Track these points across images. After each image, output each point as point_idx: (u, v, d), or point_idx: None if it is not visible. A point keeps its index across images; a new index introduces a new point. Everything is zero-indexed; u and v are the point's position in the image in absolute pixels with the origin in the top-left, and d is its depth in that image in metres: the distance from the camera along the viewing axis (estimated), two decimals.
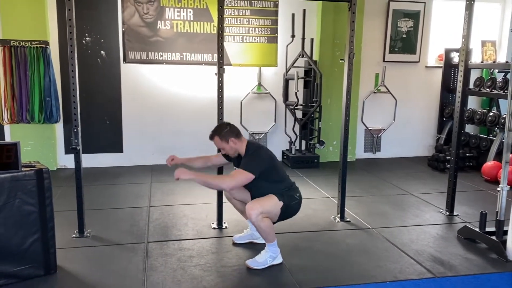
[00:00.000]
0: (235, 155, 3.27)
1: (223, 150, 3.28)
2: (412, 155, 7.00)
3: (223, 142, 3.19)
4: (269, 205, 3.07)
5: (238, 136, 3.21)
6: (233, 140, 3.18)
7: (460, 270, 3.15)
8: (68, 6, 3.33)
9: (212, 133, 3.26)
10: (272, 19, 5.93)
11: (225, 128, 3.22)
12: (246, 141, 3.25)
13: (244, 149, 3.20)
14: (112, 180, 5.40)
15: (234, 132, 3.21)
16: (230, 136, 3.18)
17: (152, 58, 5.72)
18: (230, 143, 3.18)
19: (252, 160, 3.11)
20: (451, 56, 6.73)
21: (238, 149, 3.22)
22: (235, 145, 3.19)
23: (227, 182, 3.10)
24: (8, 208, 2.75)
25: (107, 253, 3.34)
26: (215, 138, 3.23)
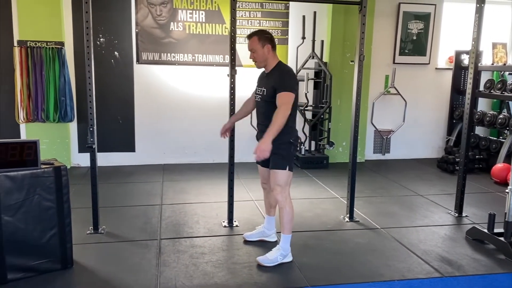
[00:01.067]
0: (261, 65, 3.23)
1: (253, 53, 3.19)
2: (421, 156, 7.02)
3: (259, 44, 3.14)
4: (282, 179, 3.14)
5: (274, 48, 3.20)
6: (269, 47, 3.15)
7: (468, 270, 3.19)
8: (86, 8, 3.43)
9: (252, 32, 3.23)
10: (283, 21, 6.00)
11: (267, 34, 3.22)
12: (279, 61, 3.24)
13: (275, 64, 3.19)
14: (124, 178, 5.50)
15: (273, 42, 3.20)
16: (268, 42, 3.15)
17: (165, 59, 5.81)
18: (265, 49, 3.14)
19: (290, 78, 3.11)
20: (461, 58, 6.73)
21: (268, 60, 3.18)
22: (268, 53, 3.16)
23: (283, 113, 3.00)
24: (27, 203, 2.85)
25: (121, 249, 3.43)
26: (253, 37, 3.17)
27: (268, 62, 3.20)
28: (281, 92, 3.05)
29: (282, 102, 3.03)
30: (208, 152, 6.36)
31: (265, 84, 3.22)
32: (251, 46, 3.20)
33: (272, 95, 3.13)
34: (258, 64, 3.25)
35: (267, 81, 3.21)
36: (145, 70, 5.98)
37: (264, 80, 3.26)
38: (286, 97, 3.03)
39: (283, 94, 3.04)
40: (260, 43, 3.15)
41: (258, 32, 3.23)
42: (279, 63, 3.23)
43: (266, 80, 3.23)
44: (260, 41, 3.15)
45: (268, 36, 3.21)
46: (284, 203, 3.17)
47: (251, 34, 3.23)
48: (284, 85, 3.07)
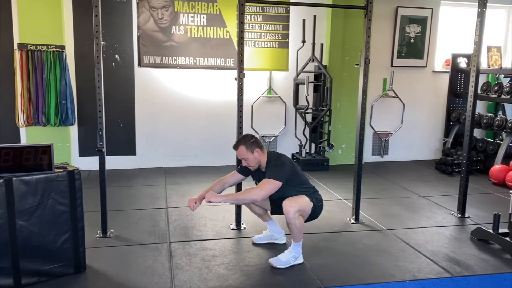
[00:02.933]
0: (256, 167, 3.35)
1: (245, 160, 3.32)
2: (419, 158, 7.11)
3: (248, 152, 3.27)
4: (304, 204, 3.20)
5: (261, 148, 3.32)
6: (258, 151, 3.28)
7: (477, 270, 3.25)
8: (95, 12, 3.43)
9: (237, 142, 3.35)
10: (284, 25, 6.05)
11: (251, 139, 3.32)
12: (267, 153, 3.35)
13: (266, 160, 3.31)
14: (127, 182, 5.49)
15: (259, 144, 3.32)
16: (255, 147, 3.28)
17: (166, 63, 5.82)
18: (255, 154, 3.27)
19: (277, 168, 3.22)
20: (458, 61, 6.85)
21: (261, 161, 3.31)
22: (259, 156, 3.29)
23: (257, 193, 3.15)
24: (41, 208, 2.85)
25: (132, 253, 3.43)
26: (240, 147, 3.30)
27: (261, 162, 3.33)
28: (266, 178, 3.18)
29: (261, 186, 3.17)
30: (209, 155, 6.37)
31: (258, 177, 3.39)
32: (241, 156, 3.32)
33: None
34: (253, 168, 3.36)
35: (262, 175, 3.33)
36: (146, 73, 5.98)
37: (262, 175, 3.34)
38: (268, 183, 3.15)
39: (267, 180, 3.17)
40: (249, 151, 3.28)
41: (242, 141, 3.32)
42: (269, 157, 3.32)
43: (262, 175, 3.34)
44: (248, 150, 3.28)
45: (253, 140, 3.32)
46: (294, 220, 3.14)
47: (235, 145, 3.35)
48: (271, 173, 3.20)
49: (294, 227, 3.17)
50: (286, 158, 3.35)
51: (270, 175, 3.19)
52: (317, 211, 3.37)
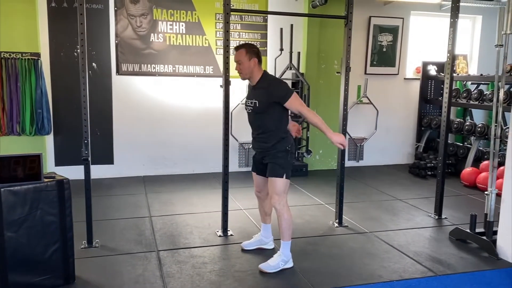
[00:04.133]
0: (246, 77, 3.32)
1: (239, 65, 3.28)
2: (393, 162, 7.32)
3: (246, 57, 3.23)
4: (280, 188, 3.24)
5: (260, 62, 3.30)
6: (255, 61, 3.25)
7: (458, 268, 3.39)
8: (80, 20, 3.41)
9: (240, 44, 3.33)
10: (262, 33, 6.14)
11: (255, 48, 3.32)
12: (263, 71, 3.34)
13: (259, 76, 3.29)
14: (106, 191, 5.40)
15: (259, 57, 3.30)
16: (254, 56, 3.25)
17: (145, 70, 5.79)
18: (251, 62, 3.24)
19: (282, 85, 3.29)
20: (428, 68, 7.11)
21: (254, 73, 3.27)
22: (253, 66, 3.25)
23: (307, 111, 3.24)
24: (30, 218, 2.79)
25: (120, 262, 3.39)
26: (240, 50, 3.27)
27: (253, 75, 3.30)
28: (288, 100, 3.18)
29: (297, 106, 3.21)
30: (188, 162, 6.36)
31: (254, 96, 3.32)
32: (238, 57, 3.29)
33: (264, 107, 3.26)
34: (243, 76, 3.35)
35: (255, 93, 3.32)
36: (124, 81, 5.92)
37: (253, 92, 3.37)
38: (295, 101, 3.20)
39: (290, 101, 3.19)
40: (247, 56, 3.25)
41: (246, 45, 3.33)
42: (264, 74, 3.33)
43: (255, 92, 3.33)
44: (247, 54, 3.25)
45: (255, 50, 3.32)
46: (282, 211, 3.25)
47: (238, 46, 3.32)
48: (283, 94, 3.21)
49: (283, 220, 3.24)
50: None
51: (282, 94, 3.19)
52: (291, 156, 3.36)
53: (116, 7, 5.61)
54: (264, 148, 3.34)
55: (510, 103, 5.45)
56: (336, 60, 6.61)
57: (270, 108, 3.24)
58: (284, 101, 3.19)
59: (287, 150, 3.31)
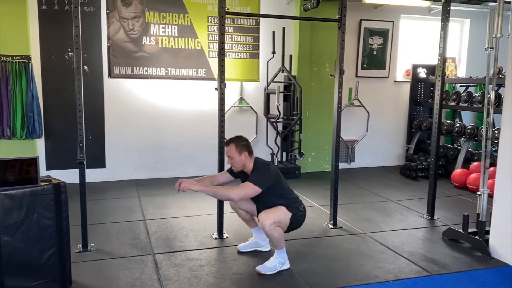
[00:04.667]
0: (239, 169, 3.41)
1: (231, 159, 3.37)
2: (384, 164, 7.38)
3: (236, 152, 3.31)
4: (280, 215, 3.25)
5: (250, 153, 3.38)
6: (246, 154, 3.34)
7: (452, 268, 3.44)
8: (75, 23, 3.39)
9: (229, 140, 3.39)
10: (254, 36, 6.16)
11: (244, 141, 3.38)
12: (254, 159, 3.40)
13: (252, 166, 3.36)
14: (99, 195, 5.36)
15: (249, 148, 3.38)
16: (245, 150, 3.34)
17: (137, 73, 5.77)
18: (242, 156, 3.33)
19: (260, 174, 3.28)
20: (418, 71, 7.20)
21: (246, 165, 3.37)
22: (245, 159, 3.34)
23: (236, 192, 3.22)
24: (27, 222, 2.77)
25: (116, 266, 3.37)
26: (230, 145, 3.34)
27: (246, 165, 3.38)
28: (248, 181, 3.25)
29: (242, 187, 3.25)
30: (181, 165, 6.34)
31: (244, 180, 3.42)
32: (229, 153, 3.37)
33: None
34: (236, 169, 3.42)
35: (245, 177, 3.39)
36: (116, 84, 5.90)
37: (244, 176, 3.42)
38: (248, 187, 3.22)
39: (248, 183, 3.23)
40: (237, 150, 3.33)
41: (235, 140, 3.38)
42: (255, 164, 3.37)
43: (244, 176, 3.42)
44: (237, 150, 3.33)
45: (245, 143, 3.38)
46: (271, 232, 3.21)
47: (228, 142, 3.40)
48: (253, 178, 3.26)
49: (273, 238, 3.25)
50: (273, 168, 3.42)
51: (252, 179, 3.24)
52: (299, 221, 3.43)
53: (108, 9, 5.59)
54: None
55: (499, 105, 5.53)
56: (328, 63, 6.66)
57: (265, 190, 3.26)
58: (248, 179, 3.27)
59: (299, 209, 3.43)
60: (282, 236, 3.28)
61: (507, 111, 3.54)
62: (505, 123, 3.56)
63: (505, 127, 3.56)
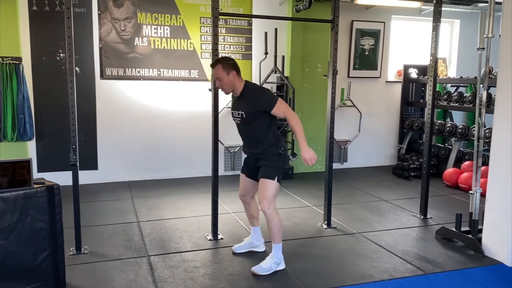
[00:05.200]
0: (228, 91, 3.33)
1: (219, 81, 3.28)
2: (376, 164, 7.42)
3: (224, 72, 3.22)
4: (271, 191, 3.23)
5: (238, 73, 3.30)
6: (234, 74, 3.25)
7: (446, 267, 3.47)
8: (68, 24, 3.37)
9: (216, 60, 3.34)
10: (247, 37, 6.16)
11: (230, 61, 3.31)
12: (245, 81, 3.34)
13: (242, 87, 3.29)
14: (91, 197, 5.32)
15: (237, 68, 3.30)
16: (232, 69, 3.25)
17: (129, 74, 5.74)
18: (230, 76, 3.24)
19: (266, 93, 3.31)
20: (409, 71, 7.25)
21: (235, 85, 3.28)
22: (233, 79, 3.25)
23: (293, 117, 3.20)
24: (20, 225, 2.74)
25: (111, 268, 3.35)
26: (217, 66, 3.26)
27: (236, 87, 3.31)
28: (274, 107, 3.19)
29: (284, 112, 3.21)
30: (174, 167, 6.32)
31: (240, 107, 3.32)
32: (216, 74, 3.29)
33: (251, 117, 3.27)
34: (226, 91, 3.35)
35: (241, 104, 3.33)
36: (108, 85, 5.86)
37: (238, 103, 3.36)
38: (280, 107, 3.20)
39: (277, 107, 3.19)
40: (225, 70, 3.25)
41: (221, 60, 3.33)
42: (246, 85, 3.33)
43: (240, 103, 3.34)
44: (224, 69, 3.25)
45: (232, 62, 3.32)
46: (271, 216, 3.24)
47: (214, 63, 3.33)
48: (268, 102, 3.21)
49: (273, 224, 3.24)
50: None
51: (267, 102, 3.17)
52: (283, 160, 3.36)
53: (99, 10, 5.55)
54: (256, 153, 3.35)
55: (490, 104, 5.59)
56: (320, 63, 6.68)
57: (258, 117, 3.25)
58: (270, 109, 3.20)
59: (280, 153, 3.33)
60: (281, 226, 3.29)
61: (499, 111, 3.58)
62: (497, 122, 3.59)
63: (497, 126, 3.60)
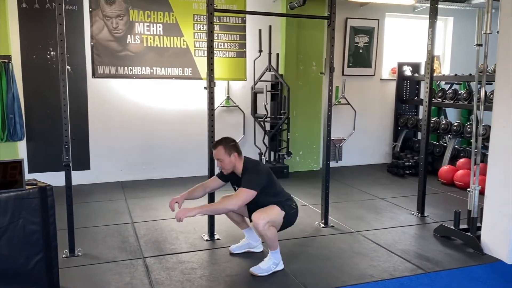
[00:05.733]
0: (229, 171, 3.33)
1: (221, 162, 3.29)
2: (371, 162, 7.40)
3: (225, 154, 3.24)
4: (274, 214, 3.19)
5: (240, 154, 3.31)
6: (235, 155, 3.27)
7: (446, 265, 3.43)
8: (59, 20, 3.29)
9: (217, 142, 3.32)
10: (240, 35, 6.08)
11: (231, 142, 3.30)
12: (244, 159, 3.34)
13: (242, 167, 3.29)
14: (84, 198, 5.22)
15: (238, 149, 3.31)
16: (234, 151, 3.27)
17: (122, 73, 5.63)
18: (232, 157, 3.25)
19: (253, 177, 3.20)
20: (403, 69, 7.23)
21: (236, 166, 3.29)
22: (235, 160, 3.27)
23: (233, 202, 3.14)
24: (12, 228, 2.66)
25: (106, 271, 3.27)
26: (218, 148, 3.26)
27: (236, 167, 3.30)
28: (242, 187, 3.16)
29: (237, 195, 3.16)
30: (167, 167, 6.24)
31: (235, 182, 3.36)
32: (218, 156, 3.28)
33: None
34: (226, 171, 3.33)
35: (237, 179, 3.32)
36: (100, 84, 5.76)
37: (239, 180, 3.29)
38: (243, 193, 3.14)
39: (242, 189, 3.15)
40: (227, 152, 3.25)
41: (222, 142, 3.30)
42: (245, 165, 3.30)
43: (236, 179, 3.35)
44: (226, 151, 3.25)
45: (233, 144, 3.31)
46: (264, 232, 3.14)
47: (215, 145, 3.31)
48: (246, 182, 3.17)
49: (267, 238, 3.18)
50: (263, 167, 3.37)
51: (246, 184, 3.17)
52: (292, 219, 3.38)
53: (91, 8, 5.44)
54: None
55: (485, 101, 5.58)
56: (314, 61, 6.63)
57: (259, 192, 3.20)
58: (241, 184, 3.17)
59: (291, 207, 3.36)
60: (276, 236, 3.22)
61: (498, 108, 3.55)
62: (496, 119, 3.57)
63: (496, 124, 3.57)
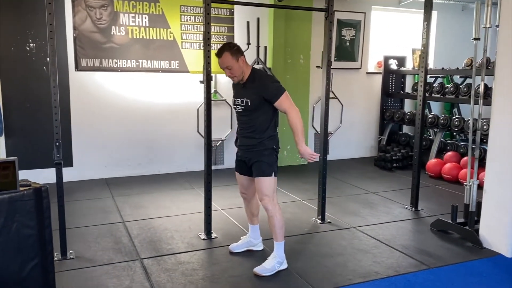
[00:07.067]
0: (239, 79, 3.11)
1: (230, 70, 3.06)
2: (358, 156, 7.40)
3: (233, 59, 3.02)
4: (270, 187, 3.12)
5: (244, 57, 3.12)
6: (243, 59, 3.07)
7: (448, 260, 3.43)
8: (49, 10, 3.07)
9: (220, 49, 3.07)
10: (228, 27, 5.95)
11: (235, 46, 3.09)
12: (251, 67, 3.18)
13: (249, 72, 3.11)
14: (68, 196, 4.92)
15: (243, 52, 3.11)
16: (240, 54, 3.06)
17: (106, 66, 5.42)
18: (240, 62, 3.04)
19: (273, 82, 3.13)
20: (389, 63, 7.24)
21: (245, 71, 3.10)
22: (243, 64, 3.07)
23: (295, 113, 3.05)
24: (5, 233, 2.46)
25: (102, 274, 3.12)
26: (224, 54, 3.02)
27: (245, 72, 3.12)
28: (278, 99, 3.04)
29: (287, 106, 3.05)
30: (153, 162, 6.07)
31: (245, 95, 3.13)
32: (226, 63, 3.06)
33: (257, 105, 3.10)
34: (237, 79, 3.13)
35: (247, 91, 3.13)
36: (83, 77, 5.52)
37: (243, 90, 3.16)
38: (285, 100, 3.05)
39: (281, 99, 3.04)
40: (234, 57, 3.05)
41: (226, 47, 3.09)
42: (253, 71, 3.16)
43: (246, 90, 3.14)
44: (233, 56, 3.05)
45: (237, 47, 3.13)
46: (274, 211, 3.13)
47: (220, 51, 3.08)
48: (275, 91, 3.06)
49: (276, 221, 3.11)
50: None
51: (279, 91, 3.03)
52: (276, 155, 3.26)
53: None
54: (250, 145, 3.19)
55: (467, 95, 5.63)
56: (302, 54, 6.56)
57: (263, 106, 3.09)
58: (274, 100, 3.05)
59: (273, 149, 3.20)
60: (283, 223, 3.17)
61: (497, 102, 3.55)
62: (495, 114, 3.57)
63: (495, 118, 3.58)
